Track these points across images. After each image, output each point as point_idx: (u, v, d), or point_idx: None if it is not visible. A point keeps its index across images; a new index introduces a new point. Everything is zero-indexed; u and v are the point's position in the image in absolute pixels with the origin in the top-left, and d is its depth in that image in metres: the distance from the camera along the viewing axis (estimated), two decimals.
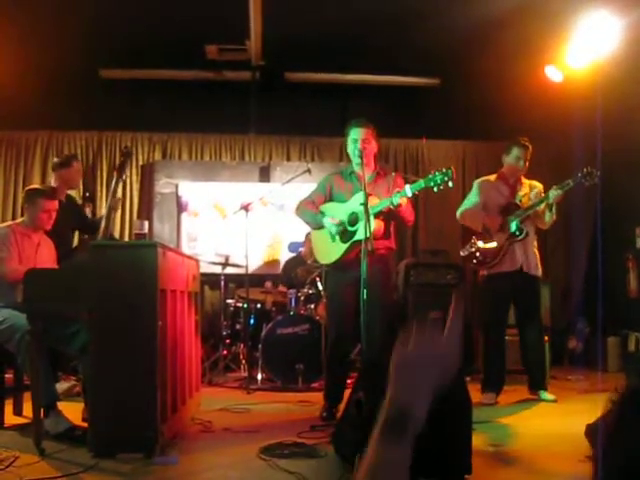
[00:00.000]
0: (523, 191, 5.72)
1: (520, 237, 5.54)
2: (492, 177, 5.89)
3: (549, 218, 5.56)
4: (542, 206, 5.53)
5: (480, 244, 5.63)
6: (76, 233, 6.53)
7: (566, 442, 4.07)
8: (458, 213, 5.88)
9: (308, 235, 7.39)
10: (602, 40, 6.24)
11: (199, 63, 7.96)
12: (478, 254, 5.64)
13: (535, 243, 5.71)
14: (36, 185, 5.81)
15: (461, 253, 5.82)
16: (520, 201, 5.65)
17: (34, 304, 3.86)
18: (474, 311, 7.60)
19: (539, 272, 5.69)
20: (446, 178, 4.46)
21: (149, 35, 7.09)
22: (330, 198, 5.07)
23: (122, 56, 7.77)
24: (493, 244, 5.57)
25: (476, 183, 5.95)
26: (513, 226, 5.53)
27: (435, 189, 4.52)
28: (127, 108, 8.34)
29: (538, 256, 5.70)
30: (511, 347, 6.11)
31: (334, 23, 6.91)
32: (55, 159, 6.19)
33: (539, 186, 5.80)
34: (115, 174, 5.17)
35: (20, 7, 6.19)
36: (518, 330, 5.87)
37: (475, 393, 3.74)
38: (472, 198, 5.86)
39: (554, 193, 5.36)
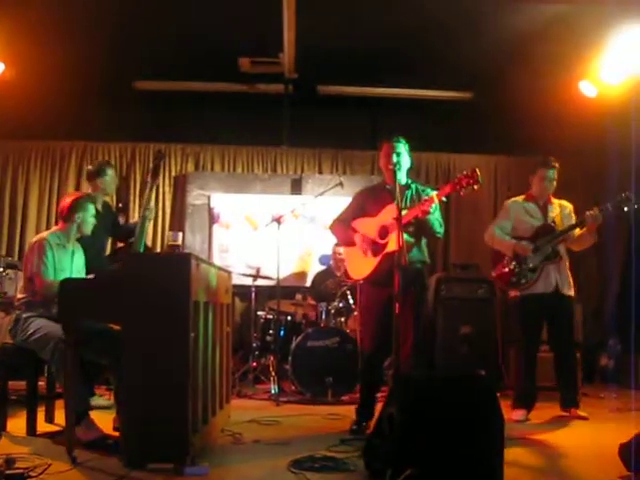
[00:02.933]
0: (554, 212, 5.69)
1: (555, 259, 5.53)
2: (520, 198, 5.85)
3: (588, 242, 5.57)
4: (577, 230, 5.54)
5: (514, 266, 5.60)
6: (109, 240, 6.60)
7: (599, 461, 4.03)
8: (487, 236, 5.85)
9: (335, 247, 7.40)
10: (637, 56, 6.20)
11: (232, 76, 8.01)
12: (512, 276, 5.63)
13: (567, 264, 5.68)
14: (77, 192, 5.94)
15: (493, 274, 5.81)
16: (553, 222, 5.63)
17: (68, 313, 3.89)
18: (504, 328, 7.54)
19: (572, 292, 5.66)
20: (471, 180, 4.47)
21: (183, 47, 7.16)
22: (362, 213, 5.06)
23: (156, 68, 7.84)
24: (528, 266, 5.54)
25: (505, 204, 5.93)
26: (548, 249, 5.52)
27: (461, 192, 4.54)
28: (160, 119, 8.44)
29: (570, 276, 5.68)
30: (543, 364, 6.05)
31: (366, 37, 6.93)
32: (89, 167, 6.24)
33: (569, 206, 5.78)
34: (149, 179, 5.22)
35: (54, 18, 6.28)
36: (551, 348, 5.85)
37: (505, 409, 3.69)
38: (502, 221, 5.82)
39: (591, 216, 5.32)
